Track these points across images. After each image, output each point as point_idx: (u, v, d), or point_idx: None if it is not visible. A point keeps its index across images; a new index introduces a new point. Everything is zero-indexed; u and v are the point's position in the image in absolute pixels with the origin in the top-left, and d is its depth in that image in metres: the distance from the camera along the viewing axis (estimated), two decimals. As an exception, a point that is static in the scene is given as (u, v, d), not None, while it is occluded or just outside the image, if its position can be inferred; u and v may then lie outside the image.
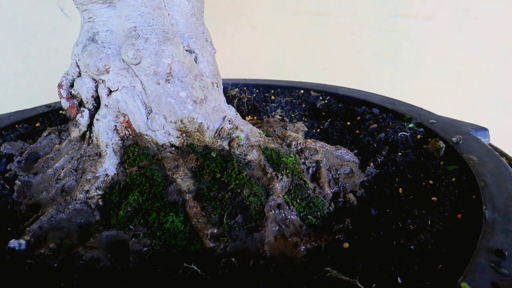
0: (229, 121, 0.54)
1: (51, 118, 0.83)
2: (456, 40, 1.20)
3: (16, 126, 0.79)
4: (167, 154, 0.53)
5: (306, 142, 0.59)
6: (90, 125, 0.57)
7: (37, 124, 0.80)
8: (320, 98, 0.89)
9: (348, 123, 0.75)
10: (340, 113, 0.82)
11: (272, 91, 0.95)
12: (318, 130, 0.75)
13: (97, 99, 0.55)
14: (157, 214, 0.49)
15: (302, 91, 0.93)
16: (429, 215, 0.48)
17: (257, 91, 0.95)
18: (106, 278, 0.43)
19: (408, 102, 0.80)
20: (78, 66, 0.54)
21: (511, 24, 1.14)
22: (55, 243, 0.48)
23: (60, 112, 0.85)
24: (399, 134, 0.67)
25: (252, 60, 1.20)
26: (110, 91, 0.52)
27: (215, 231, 0.48)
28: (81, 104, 0.56)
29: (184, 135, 0.53)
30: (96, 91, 0.54)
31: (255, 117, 0.78)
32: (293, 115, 0.81)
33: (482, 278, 0.36)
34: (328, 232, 0.49)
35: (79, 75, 0.54)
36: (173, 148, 0.54)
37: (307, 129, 0.73)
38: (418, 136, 0.67)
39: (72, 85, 0.55)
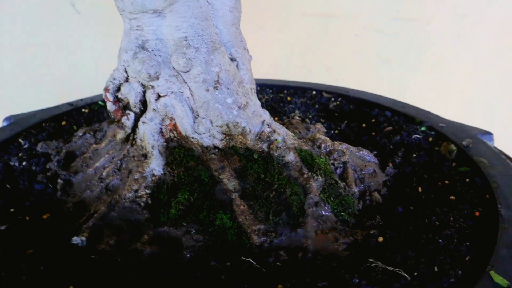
0: (268, 125, 0.59)
1: (75, 116, 0.86)
2: (454, 44, 1.27)
3: (43, 124, 0.81)
4: (212, 156, 0.57)
5: (334, 144, 0.65)
6: (134, 128, 0.60)
7: (63, 123, 0.83)
8: (332, 99, 0.95)
9: (364, 125, 0.81)
10: (352, 115, 0.88)
11: (285, 91, 0.99)
12: (336, 131, 0.81)
13: (144, 103, 0.58)
14: (208, 212, 0.53)
15: (314, 92, 0.98)
16: (450, 213, 0.54)
17: (271, 91, 1.00)
18: (167, 271, 0.48)
19: (416, 106, 0.86)
20: (126, 72, 0.57)
21: (508, 29, 1.22)
22: (113, 240, 0.52)
23: (83, 110, 0.88)
24: (413, 137, 0.73)
25: (259, 59, 1.24)
26: (159, 96, 0.56)
27: (262, 227, 0.53)
28: (126, 107, 0.60)
29: (227, 138, 0.57)
30: (144, 95, 0.58)
31: (275, 118, 0.83)
32: (310, 116, 0.86)
33: (506, 267, 0.42)
34: (360, 227, 0.55)
35: (127, 80, 0.58)
36: (216, 150, 0.58)
37: (325, 130, 0.78)
38: (430, 139, 0.73)
39: (118, 89, 0.59)
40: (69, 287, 0.43)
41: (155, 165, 0.58)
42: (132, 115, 0.59)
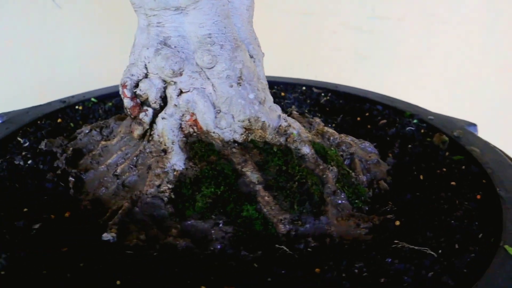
0: (284, 119, 0.62)
1: (70, 114, 0.84)
2: (424, 41, 1.36)
3: (38, 122, 0.79)
4: (232, 150, 0.59)
5: (341, 137, 0.68)
6: (151, 124, 0.61)
7: (59, 120, 0.81)
8: (322, 94, 0.99)
9: (358, 118, 0.86)
10: (343, 109, 0.92)
11: (276, 87, 1.02)
12: (333, 125, 0.85)
13: (163, 99, 0.59)
14: (234, 204, 0.55)
15: (304, 88, 1.02)
16: (454, 197, 0.59)
17: (262, 87, 1.02)
18: (204, 262, 0.49)
19: (403, 100, 0.92)
20: (145, 68, 0.58)
21: (472, 28, 1.32)
22: (143, 235, 0.53)
23: (76, 107, 0.86)
24: (407, 129, 0.79)
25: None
26: (181, 92, 0.57)
27: (287, 216, 0.55)
28: (143, 103, 0.60)
29: (247, 132, 0.59)
30: (164, 91, 0.58)
31: (274, 113, 0.86)
32: (306, 111, 0.89)
33: (515, 242, 0.48)
34: (375, 213, 0.59)
35: (146, 76, 0.58)
36: (236, 144, 0.60)
37: (323, 124, 0.82)
38: (422, 131, 0.79)
39: (136, 86, 0.59)
40: (117, 282, 0.43)
41: (176, 160, 0.59)
42: (150, 111, 0.60)
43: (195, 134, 0.60)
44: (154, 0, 0.54)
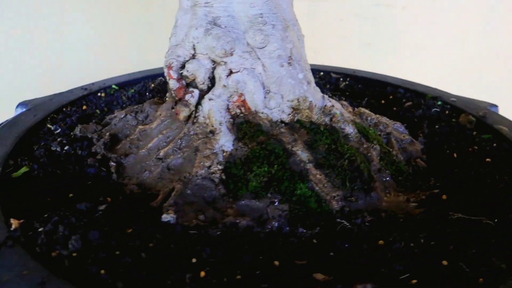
0: (328, 99, 0.63)
1: (94, 100, 0.83)
2: (426, 28, 1.39)
3: (64, 109, 0.77)
4: (281, 130, 0.60)
5: (378, 117, 0.70)
6: (196, 105, 0.61)
7: (84, 107, 0.80)
8: (341, 79, 1.00)
9: (383, 101, 0.88)
10: (363, 93, 0.94)
11: (293, 73, 1.03)
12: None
13: (211, 80, 0.59)
14: (288, 182, 0.56)
15: (322, 73, 1.03)
16: (494, 172, 0.62)
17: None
18: (266, 240, 0.50)
19: (422, 84, 0.94)
20: (193, 49, 0.57)
21: (471, 16, 1.35)
22: (202, 216, 0.53)
23: (98, 94, 0.85)
24: (432, 110, 0.81)
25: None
26: (231, 72, 0.57)
27: (340, 193, 0.56)
28: (188, 85, 0.60)
29: (294, 112, 0.60)
30: (212, 72, 0.58)
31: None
32: (329, 95, 0.91)
33: None
34: (419, 189, 0.61)
35: (193, 57, 0.58)
36: (283, 125, 0.61)
37: (351, 107, 0.84)
38: (447, 112, 0.81)
39: (182, 67, 0.59)
40: (192, 260, 0.44)
41: (224, 141, 0.59)
42: (196, 93, 0.60)
43: (241, 115, 0.60)
44: (205, -21, 0.54)
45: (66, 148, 0.65)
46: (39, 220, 0.47)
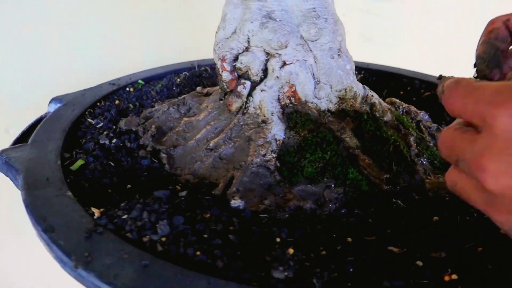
0: (369, 90, 0.67)
1: (124, 95, 0.84)
2: (423, 22, 1.46)
3: (98, 104, 0.78)
4: (329, 119, 0.63)
5: (408, 106, 0.75)
6: (247, 96, 0.64)
7: (117, 102, 0.81)
8: (356, 72, 1.04)
9: (401, 92, 0.93)
10: (380, 85, 0.99)
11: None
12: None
13: (264, 72, 0.62)
14: (341, 167, 0.60)
15: (336, 67, 1.07)
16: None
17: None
18: (330, 220, 0.54)
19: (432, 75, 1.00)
20: (248, 42, 0.60)
21: (463, 11, 1.43)
22: (267, 200, 0.56)
23: (127, 89, 0.86)
24: (450, 99, 0.87)
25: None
26: (284, 64, 0.60)
27: (387, 176, 0.61)
28: (240, 77, 0.63)
29: (339, 101, 0.64)
30: (265, 64, 0.61)
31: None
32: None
33: None
34: (455, 172, 0.66)
35: (246, 49, 0.61)
36: (329, 114, 0.64)
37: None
38: (463, 100, 0.87)
39: (235, 59, 0.62)
40: (276, 239, 0.47)
41: (277, 130, 0.62)
42: (248, 84, 0.62)
43: (290, 105, 0.64)
44: (261, -25, 0.57)
45: (114, 141, 0.66)
46: (119, 209, 0.49)
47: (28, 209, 0.49)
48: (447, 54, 1.48)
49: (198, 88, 0.82)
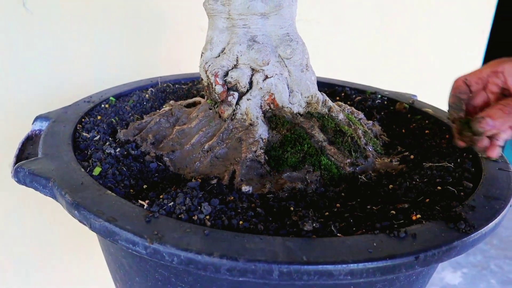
0: (326, 95, 0.88)
1: (102, 111, 0.94)
2: (334, 41, 1.76)
3: (83, 120, 0.88)
4: (301, 120, 0.83)
5: (351, 108, 0.98)
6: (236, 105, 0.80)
7: (99, 117, 0.91)
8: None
9: (337, 98, 1.17)
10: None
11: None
12: (322, 104, 1.13)
13: (249, 84, 0.79)
14: (316, 156, 0.79)
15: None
16: (433, 137, 0.94)
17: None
18: (315, 195, 0.73)
19: (358, 83, 1.26)
20: (236, 60, 0.77)
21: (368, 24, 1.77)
22: (269, 185, 0.73)
23: (102, 105, 0.96)
24: (376, 102, 1.13)
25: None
26: (266, 77, 0.79)
27: (349, 161, 0.82)
28: (229, 89, 0.80)
29: (306, 106, 0.84)
30: (251, 78, 0.79)
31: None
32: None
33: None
34: (392, 155, 0.90)
35: (235, 66, 0.78)
36: (299, 115, 0.84)
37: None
38: (385, 102, 1.14)
39: (226, 74, 0.78)
40: (290, 208, 0.64)
41: (262, 131, 0.80)
42: (236, 94, 0.79)
43: (270, 110, 0.82)
44: (247, 8, 0.75)
45: (118, 150, 0.77)
46: (162, 198, 0.62)
47: (80, 208, 0.59)
48: (355, 66, 1.80)
49: (172, 102, 0.96)
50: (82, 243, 1.37)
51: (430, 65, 2.19)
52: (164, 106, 0.98)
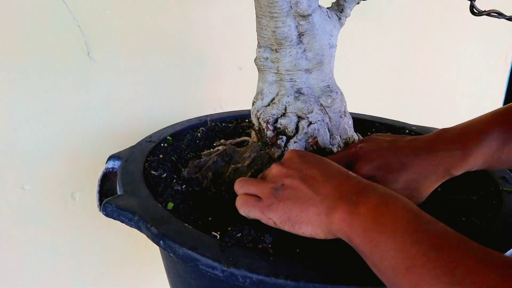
0: (360, 135, 1.03)
1: (162, 150, 1.10)
2: (362, 76, 1.92)
3: (148, 158, 1.04)
4: (340, 158, 0.98)
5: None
6: (284, 147, 0.96)
7: (161, 156, 1.07)
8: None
9: (368, 133, 1.32)
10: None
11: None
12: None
13: (296, 129, 0.95)
14: (355, 191, 0.94)
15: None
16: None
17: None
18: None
19: (388, 118, 1.41)
20: (285, 109, 0.93)
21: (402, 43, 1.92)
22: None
23: (162, 145, 1.12)
24: (404, 137, 1.27)
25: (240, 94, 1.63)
26: (310, 123, 0.94)
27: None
28: (278, 133, 0.95)
29: (344, 146, 0.99)
30: (297, 124, 0.95)
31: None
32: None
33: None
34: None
35: (283, 114, 0.94)
36: (339, 155, 0.99)
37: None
38: (413, 137, 1.28)
39: (275, 121, 0.94)
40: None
41: (307, 169, 0.95)
42: (284, 138, 0.95)
43: (313, 150, 0.97)
44: (294, 65, 0.91)
45: (184, 186, 0.93)
46: (231, 230, 0.77)
47: (166, 238, 0.74)
48: (382, 101, 1.95)
49: (222, 141, 1.12)
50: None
51: (454, 98, 2.33)
52: (215, 144, 1.14)
